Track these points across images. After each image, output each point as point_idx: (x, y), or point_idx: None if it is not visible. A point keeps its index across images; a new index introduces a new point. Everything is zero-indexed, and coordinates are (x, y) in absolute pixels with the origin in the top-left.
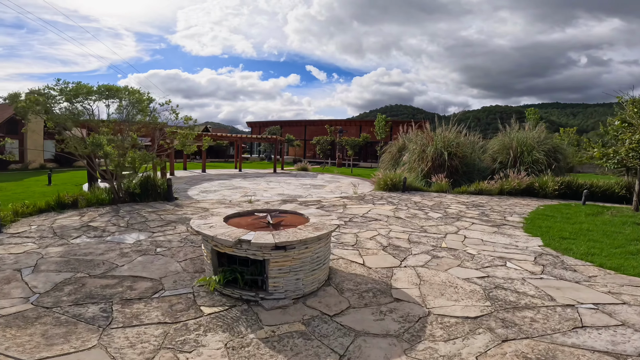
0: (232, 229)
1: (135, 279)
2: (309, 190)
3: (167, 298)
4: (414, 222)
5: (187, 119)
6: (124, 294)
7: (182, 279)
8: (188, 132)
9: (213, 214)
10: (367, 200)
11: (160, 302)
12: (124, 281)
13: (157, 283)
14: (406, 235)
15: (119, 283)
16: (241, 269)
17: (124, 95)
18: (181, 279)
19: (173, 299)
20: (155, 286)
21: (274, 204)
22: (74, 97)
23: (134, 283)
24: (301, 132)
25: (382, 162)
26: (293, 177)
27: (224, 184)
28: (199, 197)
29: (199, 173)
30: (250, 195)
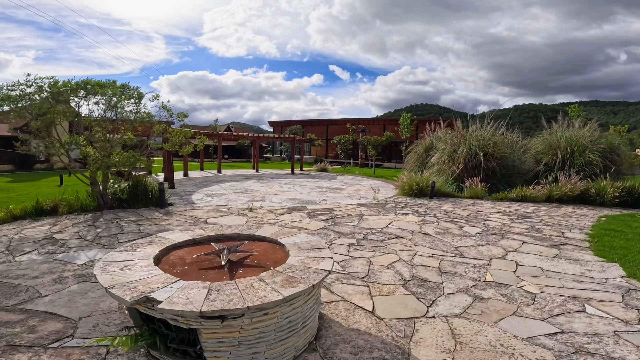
0: (152, 274)
1: (48, 316)
2: (324, 194)
3: (66, 350)
4: (445, 241)
5: (181, 116)
6: (15, 338)
7: (108, 323)
8: (180, 131)
9: (152, 242)
10: (388, 209)
11: (54, 356)
12: (31, 318)
13: (69, 325)
14: (436, 261)
15: (23, 321)
16: (165, 331)
17: (111, 91)
18: (107, 322)
19: (74, 353)
20: (64, 330)
21: (278, 212)
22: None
23: (41, 322)
24: (323, 131)
25: (407, 162)
26: (310, 178)
27: (235, 187)
28: (202, 201)
29: (214, 174)
30: (259, 199)
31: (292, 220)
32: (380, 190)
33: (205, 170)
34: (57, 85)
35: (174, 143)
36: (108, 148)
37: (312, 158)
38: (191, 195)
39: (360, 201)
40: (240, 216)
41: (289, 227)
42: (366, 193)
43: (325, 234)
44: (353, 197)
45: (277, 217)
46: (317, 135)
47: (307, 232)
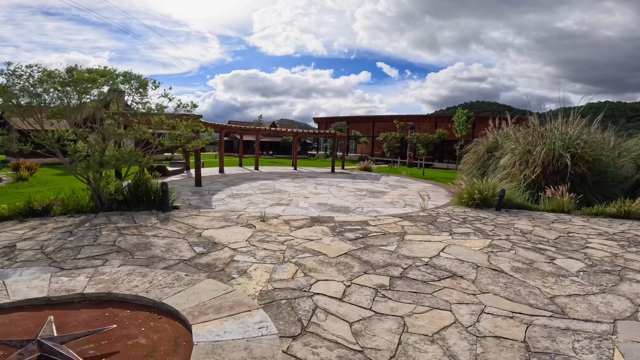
0: None
1: None
2: (362, 199)
3: None
4: (531, 284)
5: (188, 106)
6: None
7: None
8: (185, 124)
9: None
10: (440, 225)
11: None
12: None
13: None
14: (519, 327)
15: None
16: None
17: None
18: None
19: None
20: None
21: (295, 224)
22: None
23: None
24: (369, 128)
25: (464, 164)
26: (351, 178)
27: (265, 186)
28: (220, 203)
29: (250, 171)
30: (284, 203)
31: (308, 238)
32: (431, 197)
33: (243, 167)
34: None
35: (173, 137)
36: (101, 144)
37: (357, 156)
38: (213, 195)
39: (404, 210)
40: (246, 228)
41: (298, 249)
42: (413, 199)
43: (346, 265)
44: (396, 204)
45: (290, 233)
46: (363, 132)
47: (303, 274)
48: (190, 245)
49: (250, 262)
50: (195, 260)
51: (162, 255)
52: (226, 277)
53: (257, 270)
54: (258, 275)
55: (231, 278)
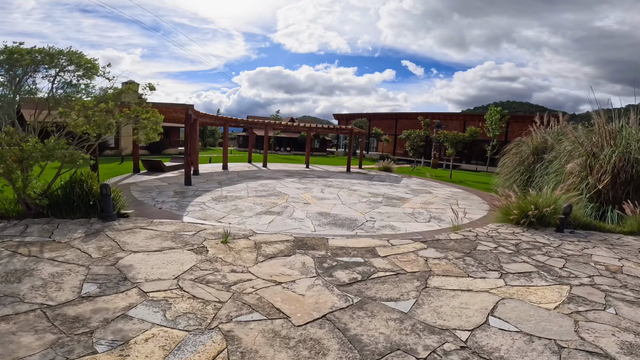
0: None
1: None
2: (376, 208)
3: None
4: None
5: (146, 89)
6: None
7: None
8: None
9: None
10: (483, 257)
11: None
12: None
13: None
14: None
15: None
16: None
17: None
18: None
19: None
20: None
21: (269, 249)
22: None
23: None
24: (392, 126)
25: (502, 167)
26: (367, 180)
27: (264, 187)
28: (195, 209)
29: (257, 168)
30: (276, 212)
31: (274, 278)
32: (463, 207)
33: (252, 163)
34: None
35: (98, 124)
36: (17, 137)
37: (377, 155)
38: (195, 198)
39: (428, 227)
40: (194, 253)
41: (248, 302)
42: (440, 210)
43: (315, 349)
44: (418, 216)
45: (252, 268)
46: (385, 130)
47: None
48: (83, 280)
49: (149, 325)
50: (64, 310)
51: (23, 294)
52: (75, 357)
53: (148, 344)
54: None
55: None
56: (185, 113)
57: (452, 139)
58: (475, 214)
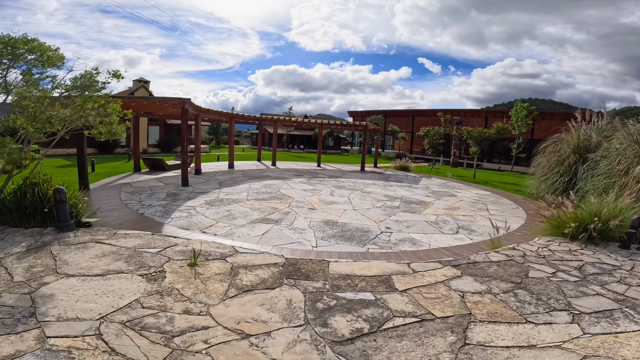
0: None
1: None
2: (392, 215)
3: None
4: None
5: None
6: None
7: None
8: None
9: None
10: (537, 288)
11: None
12: None
13: None
14: None
15: None
16: None
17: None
18: None
19: None
20: None
21: (249, 276)
22: None
23: None
24: (408, 123)
25: (537, 166)
26: (382, 180)
27: (267, 189)
28: (182, 215)
29: (266, 167)
30: (274, 220)
31: (242, 326)
32: (495, 213)
33: (262, 161)
34: None
35: (34, 118)
36: None
37: (393, 153)
38: (187, 201)
39: (457, 241)
40: (144, 281)
41: None
42: (468, 218)
43: None
44: (443, 226)
45: (222, 302)
46: (402, 127)
47: None
48: None
49: None
50: None
51: None
52: None
53: None
54: None
55: None
56: (182, 107)
57: (476, 137)
58: (511, 223)
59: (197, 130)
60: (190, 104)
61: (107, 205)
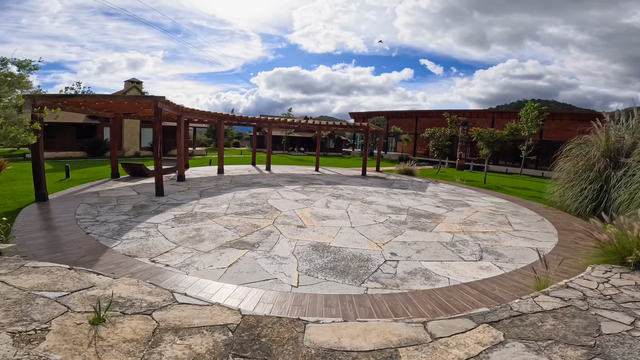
0: None
1: None
2: (398, 233)
3: None
4: None
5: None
6: None
7: None
8: None
9: None
10: (620, 354)
11: None
12: None
13: None
14: None
15: None
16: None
17: None
18: None
19: None
20: None
21: (180, 351)
22: None
23: None
24: (411, 124)
25: (561, 172)
26: (385, 186)
27: (253, 199)
28: (137, 236)
29: (259, 172)
30: (250, 244)
31: None
32: (517, 226)
33: (256, 166)
34: None
35: None
36: None
37: (396, 155)
38: (151, 217)
39: (483, 272)
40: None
41: None
42: (491, 236)
43: None
44: (463, 250)
45: None
46: (405, 128)
47: None
48: None
49: None
50: None
51: None
52: None
53: None
54: None
55: None
56: (154, 107)
57: (488, 138)
58: (542, 241)
59: (179, 132)
60: (166, 103)
61: (55, 221)
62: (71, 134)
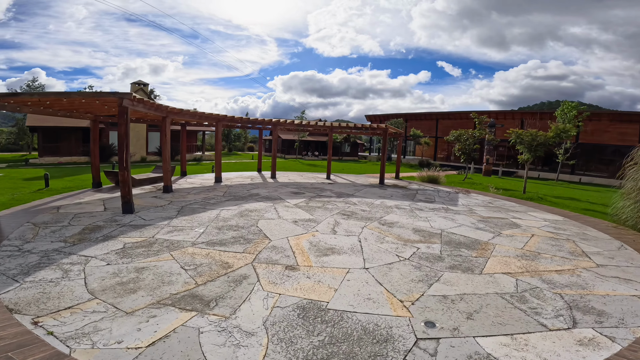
0: None
1: None
2: (430, 279)
3: None
4: None
5: None
6: None
7: None
8: None
9: None
10: None
11: None
12: None
13: None
14: None
15: None
16: None
17: None
18: None
19: None
20: None
21: None
22: None
23: None
24: (431, 127)
25: (631, 181)
26: (408, 199)
27: (240, 219)
28: (47, 277)
29: (262, 180)
30: (206, 299)
31: None
32: (597, 258)
33: (262, 172)
34: None
35: None
36: None
37: (416, 159)
38: (91, 246)
39: (591, 351)
40: None
41: None
42: (570, 277)
43: None
44: (540, 310)
45: None
46: (424, 131)
47: None
48: None
49: None
50: None
51: None
52: None
53: None
54: None
55: None
56: (118, 105)
57: (529, 141)
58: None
59: (163, 135)
60: (138, 102)
61: None
62: (76, 138)
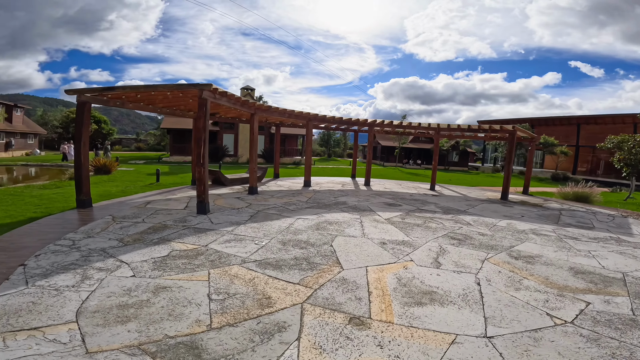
0: None
1: None
2: None
3: None
4: None
5: None
6: None
7: None
8: None
9: None
10: None
11: None
12: None
13: None
14: None
15: None
16: None
17: None
18: None
19: None
20: None
21: None
22: None
23: None
24: (569, 134)
25: None
26: (550, 223)
27: (314, 232)
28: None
29: (355, 188)
30: (250, 336)
31: None
32: None
33: (355, 179)
34: None
35: None
36: None
37: (547, 173)
38: (145, 247)
39: None
40: None
41: None
42: None
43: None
44: None
45: None
46: (558, 139)
47: None
48: None
49: None
50: None
51: None
52: None
53: None
54: None
55: None
56: (198, 97)
57: None
58: None
59: (251, 133)
60: (216, 94)
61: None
62: None
